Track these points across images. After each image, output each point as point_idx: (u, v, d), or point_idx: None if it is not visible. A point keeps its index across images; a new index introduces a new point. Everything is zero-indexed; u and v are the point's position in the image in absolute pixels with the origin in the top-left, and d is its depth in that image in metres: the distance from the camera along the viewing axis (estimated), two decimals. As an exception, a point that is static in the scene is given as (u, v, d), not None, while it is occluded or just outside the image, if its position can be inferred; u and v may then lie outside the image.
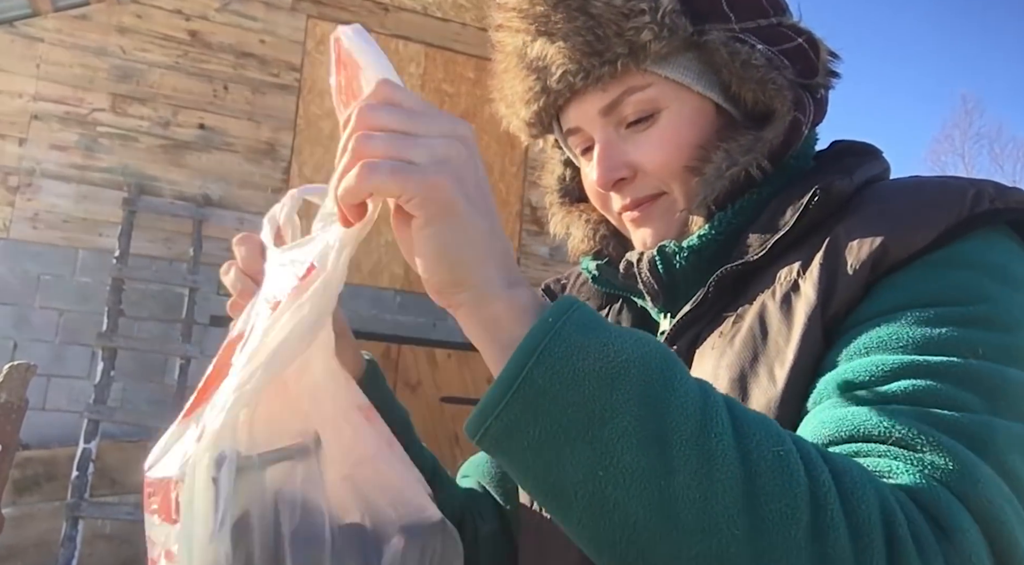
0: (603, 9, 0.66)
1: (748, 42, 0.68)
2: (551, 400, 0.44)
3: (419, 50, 6.25)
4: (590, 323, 0.47)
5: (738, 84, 0.68)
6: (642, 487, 0.43)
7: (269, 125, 5.76)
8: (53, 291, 5.16)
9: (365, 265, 5.90)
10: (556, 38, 0.68)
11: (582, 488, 0.44)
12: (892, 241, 0.57)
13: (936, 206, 0.58)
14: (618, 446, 0.43)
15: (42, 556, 4.58)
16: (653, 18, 0.66)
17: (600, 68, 0.67)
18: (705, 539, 0.42)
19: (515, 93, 0.74)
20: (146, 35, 5.55)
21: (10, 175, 5.20)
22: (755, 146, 0.67)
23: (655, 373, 0.45)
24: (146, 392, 5.21)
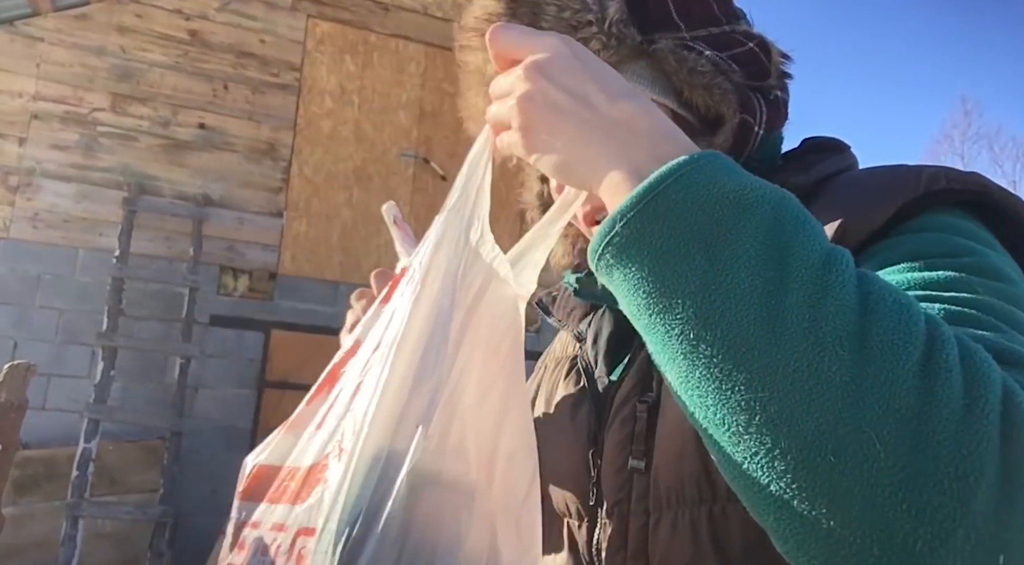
0: (553, 23, 0.68)
1: (696, 49, 0.69)
2: (680, 214, 0.45)
3: (419, 50, 6.25)
4: (734, 166, 0.48)
5: (688, 90, 0.69)
6: (751, 302, 0.43)
7: (269, 125, 5.76)
8: (53, 291, 5.16)
9: (365, 265, 5.90)
10: None
11: (691, 298, 0.44)
12: (850, 223, 0.58)
13: (892, 186, 0.60)
14: (736, 264, 0.43)
15: (42, 556, 4.58)
16: (600, 28, 0.67)
17: None
18: (807, 356, 0.41)
19: (478, 108, 0.76)
20: (146, 35, 5.55)
21: (10, 175, 5.20)
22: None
23: (788, 212, 0.45)
24: (146, 392, 5.21)
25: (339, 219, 5.88)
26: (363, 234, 5.92)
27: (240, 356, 5.48)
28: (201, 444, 5.27)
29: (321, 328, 5.69)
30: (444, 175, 6.16)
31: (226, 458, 5.36)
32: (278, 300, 5.62)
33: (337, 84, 6.00)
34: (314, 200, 5.84)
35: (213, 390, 5.39)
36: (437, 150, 6.20)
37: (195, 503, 5.16)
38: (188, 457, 5.15)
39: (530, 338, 6.14)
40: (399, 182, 6.07)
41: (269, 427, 4.72)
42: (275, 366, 5.56)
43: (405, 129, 6.15)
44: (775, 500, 0.41)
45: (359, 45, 6.10)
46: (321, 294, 5.74)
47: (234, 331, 5.48)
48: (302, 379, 5.61)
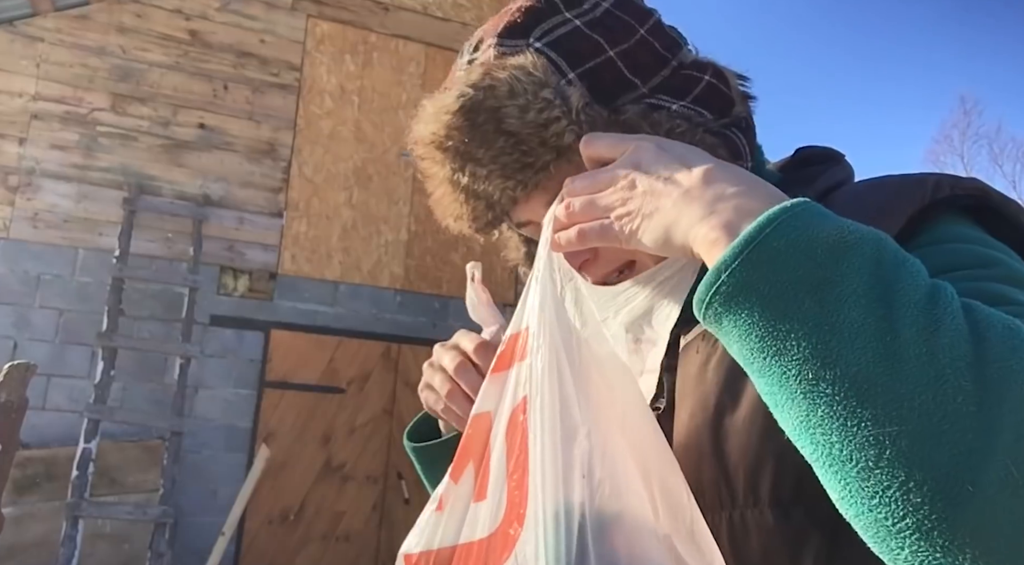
0: (519, 126, 0.66)
1: (663, 105, 0.68)
2: (784, 260, 0.47)
3: (419, 50, 6.25)
4: (826, 212, 0.50)
5: None
6: (866, 340, 0.44)
7: (269, 125, 5.76)
8: (53, 291, 5.16)
9: (365, 265, 5.90)
10: (484, 163, 0.69)
11: (806, 340, 0.46)
12: None
13: (899, 196, 0.61)
14: (846, 304, 0.45)
15: (42, 556, 4.58)
16: (569, 119, 0.66)
17: (535, 176, 0.68)
18: (931, 388, 0.43)
19: (460, 213, 0.74)
20: (146, 35, 5.55)
21: (10, 175, 5.20)
22: None
23: (887, 251, 0.48)
24: (146, 392, 5.22)
25: (339, 219, 5.88)
26: (363, 234, 5.92)
27: (240, 356, 5.48)
28: (201, 444, 5.28)
29: (321, 328, 5.69)
30: (444, 175, 6.16)
31: (226, 458, 5.36)
32: (278, 300, 5.62)
33: (337, 84, 6.00)
34: (314, 200, 5.84)
35: (213, 390, 5.39)
36: (437, 150, 6.19)
37: (195, 503, 5.16)
38: (188, 457, 5.15)
39: (530, 338, 6.15)
40: (399, 182, 6.07)
41: (269, 427, 4.74)
42: (275, 366, 5.56)
43: (405, 129, 6.12)
44: (912, 532, 0.42)
45: (359, 45, 6.10)
46: (321, 294, 5.74)
47: (234, 331, 5.48)
48: (302, 379, 5.61)
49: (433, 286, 6.03)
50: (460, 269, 6.14)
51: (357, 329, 5.78)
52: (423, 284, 6.01)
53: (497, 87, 0.67)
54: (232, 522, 4.55)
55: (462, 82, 0.69)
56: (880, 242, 0.48)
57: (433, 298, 6.01)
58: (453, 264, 6.12)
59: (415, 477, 5.60)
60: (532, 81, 0.66)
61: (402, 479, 5.73)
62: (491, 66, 0.68)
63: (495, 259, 6.38)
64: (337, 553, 5.55)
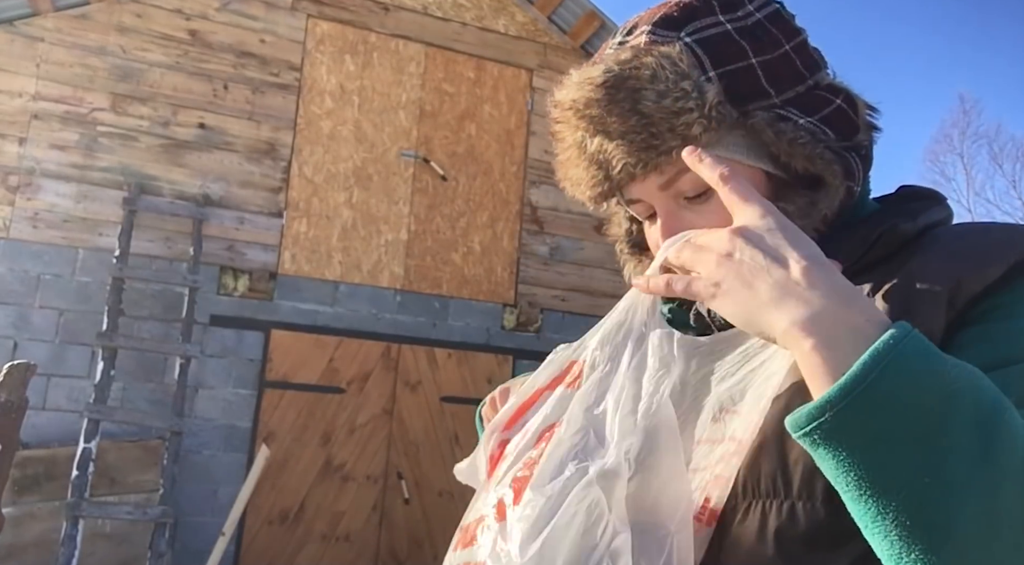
0: (654, 109, 0.72)
1: (791, 117, 0.73)
2: (892, 406, 0.49)
3: (419, 50, 6.25)
4: (928, 348, 0.51)
5: (787, 156, 0.74)
6: (967, 497, 0.47)
7: (269, 125, 5.76)
8: (53, 291, 5.16)
9: (365, 265, 5.90)
10: (613, 136, 0.74)
11: (906, 488, 0.48)
12: (966, 276, 0.63)
13: (1004, 245, 0.65)
14: (953, 456, 0.48)
15: (42, 555, 4.59)
16: (701, 113, 0.72)
17: (656, 158, 0.74)
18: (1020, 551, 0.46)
19: (579, 178, 0.80)
20: (146, 35, 5.55)
21: (10, 175, 5.20)
22: (811, 212, 0.74)
23: (987, 402, 0.49)
24: (146, 392, 5.22)
25: (339, 219, 5.88)
26: (363, 234, 5.92)
27: (240, 356, 5.48)
28: (201, 444, 5.28)
29: (321, 328, 5.69)
30: (444, 175, 6.16)
31: (226, 458, 5.36)
32: (278, 300, 5.62)
33: (337, 84, 6.00)
34: (314, 200, 5.84)
35: (213, 390, 5.39)
36: (437, 150, 6.19)
37: (195, 503, 5.16)
38: (188, 457, 5.15)
39: (530, 339, 6.14)
40: (399, 182, 6.07)
41: (269, 427, 4.75)
42: (275, 366, 5.56)
43: (405, 129, 6.14)
44: None
45: (359, 45, 6.10)
46: (321, 294, 5.74)
47: (234, 331, 5.48)
48: (302, 379, 5.61)
49: (433, 286, 6.03)
50: (460, 269, 6.14)
51: (357, 329, 5.78)
52: (423, 284, 6.01)
53: (641, 70, 0.72)
54: (232, 522, 4.55)
55: (611, 59, 0.75)
56: (979, 388, 0.50)
57: (433, 298, 6.01)
58: (453, 264, 6.12)
59: (415, 477, 5.59)
60: (675, 71, 0.72)
61: (402, 479, 5.73)
62: (640, 50, 0.74)
63: (495, 259, 6.37)
64: (337, 553, 5.55)
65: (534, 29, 6.53)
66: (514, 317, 6.17)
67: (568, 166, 0.81)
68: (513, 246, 6.31)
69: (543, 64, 6.56)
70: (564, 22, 6.52)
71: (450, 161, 6.22)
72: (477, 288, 6.16)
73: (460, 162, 6.25)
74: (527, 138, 6.44)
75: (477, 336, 6.06)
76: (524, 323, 6.17)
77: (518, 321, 6.15)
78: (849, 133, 0.75)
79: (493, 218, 6.27)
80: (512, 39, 6.49)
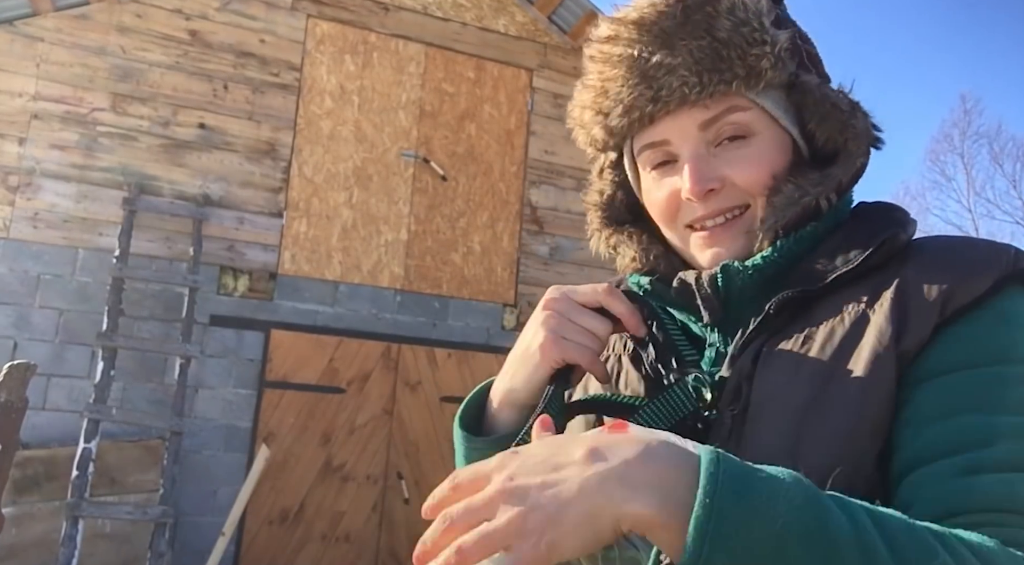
0: (729, 33, 0.75)
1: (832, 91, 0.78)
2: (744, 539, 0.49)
3: (419, 49, 6.25)
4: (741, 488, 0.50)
5: (818, 123, 0.77)
6: None
7: (269, 125, 5.76)
8: (53, 291, 5.16)
9: (365, 264, 5.90)
10: (679, 52, 0.75)
11: None
12: (958, 287, 0.67)
13: (989, 261, 0.68)
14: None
15: (42, 555, 4.59)
16: (772, 50, 0.75)
17: (716, 85, 0.75)
18: None
19: (618, 99, 0.78)
20: (146, 34, 5.55)
21: (10, 175, 5.20)
22: (824, 180, 0.76)
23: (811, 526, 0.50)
24: (146, 392, 5.22)
25: (339, 219, 5.88)
26: (363, 234, 5.92)
27: (240, 356, 5.48)
28: (201, 444, 5.28)
29: (321, 328, 5.69)
30: (444, 175, 6.15)
31: (226, 458, 5.36)
32: (278, 300, 5.62)
33: (337, 84, 6.00)
34: (314, 200, 5.84)
35: (213, 390, 5.39)
36: (437, 150, 6.19)
37: (195, 503, 5.16)
38: (188, 457, 5.15)
39: (530, 338, 6.14)
40: (399, 182, 6.07)
41: (269, 427, 4.74)
42: (275, 366, 5.56)
43: (405, 129, 6.14)
44: None
45: (359, 45, 6.10)
46: (321, 294, 5.74)
47: (234, 331, 5.48)
48: (302, 379, 5.61)
49: (433, 286, 6.03)
50: (460, 269, 6.14)
51: (357, 329, 5.78)
52: (423, 284, 6.01)
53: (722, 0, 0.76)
54: (232, 522, 4.55)
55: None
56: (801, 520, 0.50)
57: (433, 298, 6.01)
58: (453, 264, 6.12)
59: (415, 477, 5.58)
60: (756, 7, 0.76)
61: (402, 479, 5.73)
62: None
63: (495, 259, 6.38)
64: (337, 553, 5.55)
65: (534, 29, 6.53)
66: (514, 317, 6.17)
67: (608, 86, 0.79)
68: (513, 246, 6.31)
69: (543, 64, 6.55)
70: (564, 22, 6.52)
71: (450, 161, 6.21)
72: (477, 288, 6.16)
73: (460, 162, 6.25)
74: (527, 138, 6.44)
75: (477, 336, 6.06)
76: (524, 323, 6.16)
77: (518, 321, 6.15)
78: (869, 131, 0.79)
79: (493, 218, 6.27)
80: (512, 39, 6.49)
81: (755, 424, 0.69)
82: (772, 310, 0.72)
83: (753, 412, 0.70)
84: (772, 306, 0.72)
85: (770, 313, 0.72)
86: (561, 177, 6.48)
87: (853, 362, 0.67)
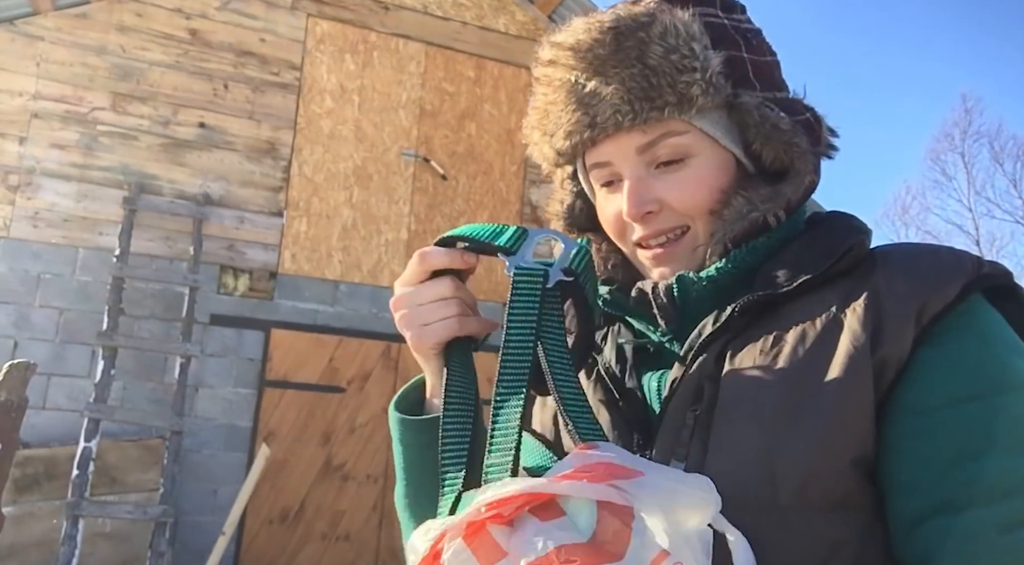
0: (659, 61, 0.75)
1: (773, 109, 0.78)
2: None
3: (419, 49, 6.24)
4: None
5: (762, 143, 0.77)
6: None
7: (269, 124, 5.76)
8: (53, 290, 5.16)
9: (365, 264, 5.90)
10: (612, 80, 0.76)
11: None
12: (930, 294, 0.67)
13: (954, 268, 0.69)
14: None
15: (42, 555, 4.59)
16: (703, 76, 0.75)
17: (649, 112, 0.75)
18: None
19: (558, 123, 0.80)
20: (146, 34, 5.55)
21: (10, 174, 5.20)
22: (775, 197, 0.77)
23: None
24: (146, 391, 5.22)
25: (339, 219, 5.88)
26: (363, 234, 5.92)
27: (240, 356, 5.48)
28: (201, 444, 5.28)
29: (321, 328, 5.69)
30: (444, 174, 6.15)
31: (226, 458, 5.36)
32: (278, 300, 5.62)
33: (337, 83, 5.99)
34: (314, 200, 5.84)
35: (213, 390, 5.39)
36: (437, 149, 6.19)
37: (195, 503, 5.16)
38: (188, 457, 5.15)
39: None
40: (399, 182, 6.07)
41: (269, 426, 4.75)
42: (275, 366, 5.56)
43: (405, 128, 6.14)
44: None
45: (359, 44, 6.09)
46: (321, 294, 5.74)
47: (234, 331, 5.48)
48: (302, 378, 5.61)
49: (433, 285, 6.03)
50: (460, 268, 6.14)
51: (357, 328, 5.78)
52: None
53: (653, 25, 0.76)
54: (232, 521, 4.55)
55: (622, 10, 0.78)
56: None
57: (433, 297, 6.01)
58: (453, 263, 6.12)
59: (415, 476, 5.59)
60: (687, 33, 0.76)
61: (402, 478, 5.73)
62: (656, 8, 0.77)
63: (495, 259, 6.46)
64: (337, 553, 5.55)
65: (534, 28, 6.52)
66: (514, 316, 6.17)
67: (550, 110, 0.81)
68: (513, 245, 6.31)
69: (543, 63, 6.55)
70: (564, 21, 6.52)
71: (450, 160, 6.21)
72: (477, 287, 6.16)
73: (460, 161, 6.25)
74: (527, 137, 6.44)
75: (477, 335, 6.06)
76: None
77: (518, 320, 6.15)
78: (814, 142, 0.79)
79: (493, 217, 6.27)
80: (512, 38, 6.49)
81: (726, 427, 0.68)
82: (737, 312, 0.72)
83: (722, 414, 0.68)
84: (737, 308, 0.72)
85: (734, 315, 0.72)
86: (561, 176, 6.48)
87: (828, 366, 0.67)
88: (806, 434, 0.64)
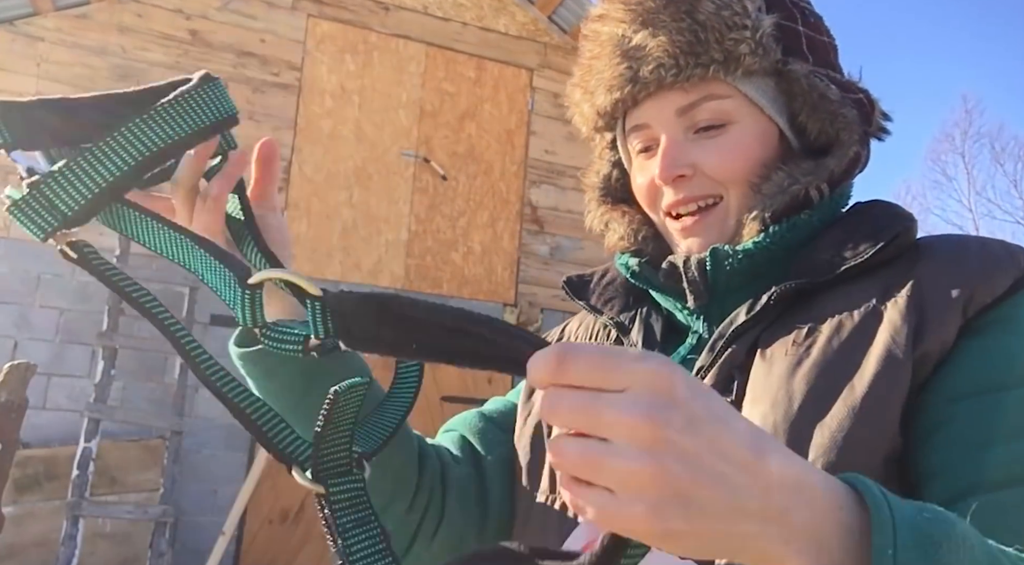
0: (709, 16, 0.73)
1: (823, 80, 0.75)
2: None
3: (420, 49, 6.25)
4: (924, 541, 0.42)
5: (808, 114, 0.75)
6: None
7: (269, 124, 5.76)
8: (53, 290, 5.16)
9: (365, 264, 5.90)
10: (659, 32, 0.74)
11: None
12: (977, 287, 0.64)
13: (1005, 261, 0.67)
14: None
15: (43, 555, 4.59)
16: (752, 35, 0.73)
17: (693, 69, 0.73)
18: None
19: (601, 79, 0.78)
20: (147, 34, 5.55)
21: (10, 174, 5.20)
22: (816, 170, 0.74)
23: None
24: (146, 391, 5.22)
25: (339, 219, 5.88)
26: (363, 234, 5.92)
27: (240, 356, 5.48)
28: (201, 444, 5.28)
29: (321, 328, 5.69)
30: (444, 174, 6.15)
31: (226, 458, 5.36)
32: (278, 300, 5.62)
33: (337, 84, 6.00)
34: (314, 200, 5.84)
35: (213, 390, 5.39)
36: (437, 150, 6.19)
37: (195, 503, 5.16)
38: (188, 457, 5.15)
39: (530, 338, 6.15)
40: (399, 182, 6.07)
41: (269, 427, 4.68)
42: (275, 366, 5.56)
43: (405, 129, 6.14)
44: None
45: (359, 45, 6.10)
46: (321, 294, 5.74)
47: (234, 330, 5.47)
48: (302, 379, 5.60)
49: (433, 286, 6.03)
50: (460, 269, 6.14)
51: (357, 329, 5.77)
52: (423, 284, 6.01)
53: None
54: (232, 522, 4.55)
55: None
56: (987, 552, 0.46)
57: (433, 297, 6.00)
58: (453, 264, 6.12)
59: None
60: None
61: (402, 479, 5.73)
62: None
63: (495, 259, 6.38)
64: (337, 553, 5.55)
65: (534, 29, 6.52)
66: (514, 317, 6.17)
67: (594, 65, 0.79)
68: (513, 246, 6.31)
69: (543, 64, 6.55)
70: (564, 22, 6.52)
71: (450, 161, 6.21)
72: (477, 288, 6.16)
73: (460, 162, 6.25)
74: (527, 138, 6.44)
75: (477, 336, 6.06)
76: (524, 323, 6.16)
77: (518, 321, 6.15)
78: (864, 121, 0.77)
79: (493, 218, 6.27)
80: (513, 39, 6.49)
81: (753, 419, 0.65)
82: (772, 300, 0.69)
83: (750, 407, 0.67)
84: (773, 296, 0.69)
85: (769, 303, 0.70)
86: (561, 177, 6.47)
87: (865, 360, 0.64)
88: (839, 431, 0.62)
